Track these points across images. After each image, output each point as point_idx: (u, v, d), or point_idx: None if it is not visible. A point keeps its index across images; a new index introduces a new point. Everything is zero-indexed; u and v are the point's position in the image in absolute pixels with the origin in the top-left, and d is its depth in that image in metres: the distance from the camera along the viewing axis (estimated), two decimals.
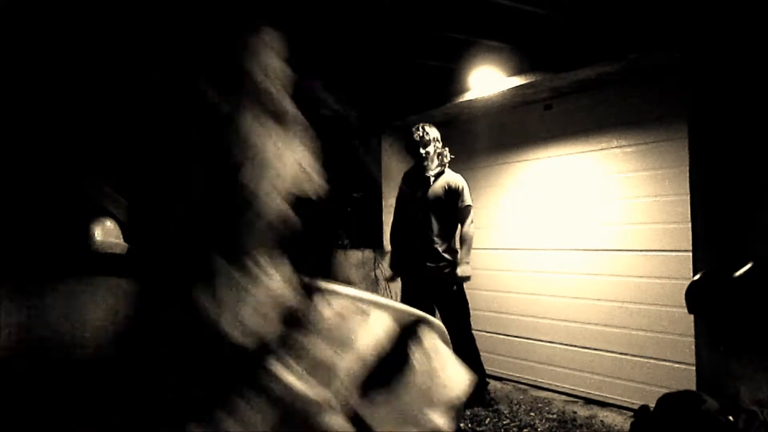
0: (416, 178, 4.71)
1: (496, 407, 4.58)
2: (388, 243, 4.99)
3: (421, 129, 4.64)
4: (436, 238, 4.53)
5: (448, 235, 4.59)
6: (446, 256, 4.54)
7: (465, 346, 4.32)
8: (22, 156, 2.56)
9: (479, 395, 4.55)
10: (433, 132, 4.66)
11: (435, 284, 4.53)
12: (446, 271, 4.53)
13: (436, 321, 3.16)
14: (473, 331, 4.69)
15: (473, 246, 4.61)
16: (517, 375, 5.30)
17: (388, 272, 4.75)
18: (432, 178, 4.62)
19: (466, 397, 4.15)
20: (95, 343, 2.27)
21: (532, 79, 4.72)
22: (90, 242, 2.24)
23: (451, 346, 3.08)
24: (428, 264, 4.51)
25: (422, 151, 4.61)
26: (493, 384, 5.11)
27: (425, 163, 4.63)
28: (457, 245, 4.63)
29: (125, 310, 2.19)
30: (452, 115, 6.00)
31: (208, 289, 1.94)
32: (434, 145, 4.64)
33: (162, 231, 2.25)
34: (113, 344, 2.15)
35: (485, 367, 4.81)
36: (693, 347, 3.94)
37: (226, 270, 2.00)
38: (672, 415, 3.19)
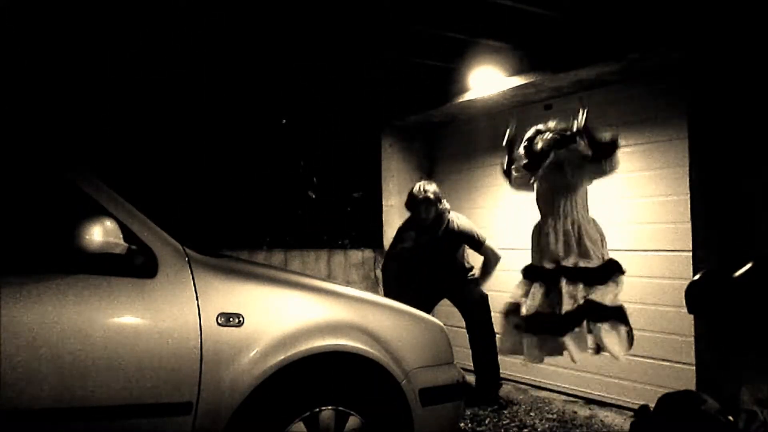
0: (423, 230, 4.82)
1: (495, 407, 4.58)
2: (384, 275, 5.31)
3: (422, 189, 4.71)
4: (461, 264, 4.88)
5: (463, 258, 4.91)
6: (469, 270, 4.91)
7: (487, 345, 4.63)
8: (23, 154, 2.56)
9: (488, 394, 4.59)
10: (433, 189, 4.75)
11: (460, 290, 4.85)
12: (470, 276, 4.87)
13: (434, 318, 3.17)
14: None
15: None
16: (518, 375, 5.29)
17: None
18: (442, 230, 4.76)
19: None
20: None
21: (532, 79, 4.72)
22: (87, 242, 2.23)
23: (450, 343, 3.09)
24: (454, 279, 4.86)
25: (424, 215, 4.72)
26: None
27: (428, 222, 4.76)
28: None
29: None
30: (452, 115, 5.99)
31: None
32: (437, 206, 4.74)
33: None
34: None
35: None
36: (693, 347, 3.94)
37: None
38: (672, 415, 3.19)
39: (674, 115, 4.22)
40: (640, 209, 4.53)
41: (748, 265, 2.97)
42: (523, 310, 3.93)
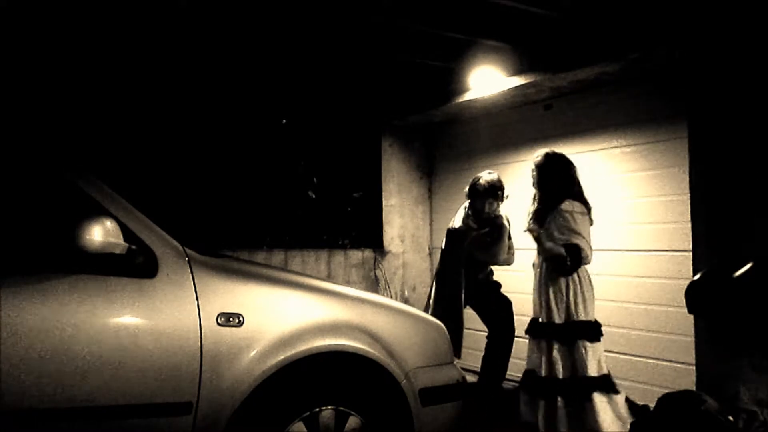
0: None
1: (495, 408, 4.58)
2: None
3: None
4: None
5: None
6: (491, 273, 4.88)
7: (501, 350, 4.60)
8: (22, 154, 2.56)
9: (488, 395, 4.59)
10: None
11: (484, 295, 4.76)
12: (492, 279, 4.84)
13: (434, 318, 3.17)
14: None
15: None
16: (518, 375, 5.29)
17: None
18: None
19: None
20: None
21: (532, 79, 4.71)
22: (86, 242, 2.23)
23: (450, 343, 3.10)
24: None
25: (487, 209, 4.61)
26: None
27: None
28: None
29: None
30: (452, 115, 5.99)
31: None
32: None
33: None
34: None
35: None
36: (693, 347, 3.94)
37: None
38: (672, 415, 3.19)
39: (674, 115, 4.22)
40: (640, 209, 4.53)
41: (748, 265, 2.97)
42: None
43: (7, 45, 4.20)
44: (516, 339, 4.73)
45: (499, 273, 4.87)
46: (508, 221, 4.71)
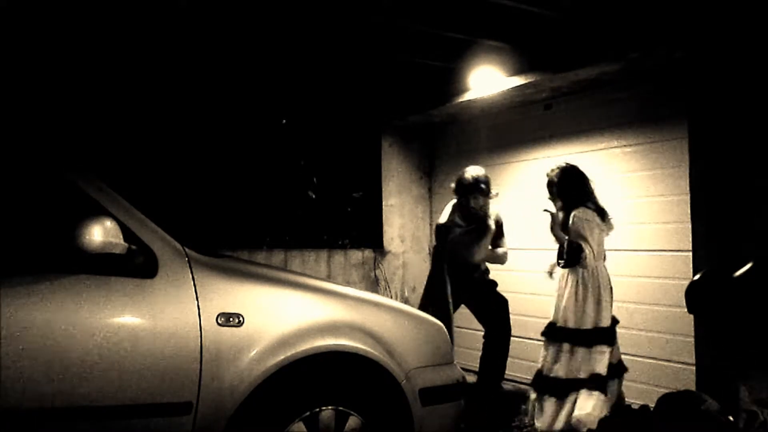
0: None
1: (494, 408, 4.58)
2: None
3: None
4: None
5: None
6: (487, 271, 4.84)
7: (499, 349, 4.59)
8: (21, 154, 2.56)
9: (487, 395, 4.58)
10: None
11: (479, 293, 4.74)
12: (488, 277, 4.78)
13: (434, 318, 3.17)
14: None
15: None
16: (518, 375, 5.29)
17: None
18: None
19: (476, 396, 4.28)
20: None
21: (532, 79, 4.72)
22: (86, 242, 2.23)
23: (450, 343, 3.10)
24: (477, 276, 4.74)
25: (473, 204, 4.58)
26: None
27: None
28: None
29: None
30: (452, 115, 6.00)
31: None
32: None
33: None
34: None
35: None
36: (693, 347, 3.94)
37: None
38: (672, 415, 3.19)
39: (674, 115, 4.22)
40: (640, 209, 4.53)
41: (748, 265, 2.97)
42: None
43: (8, 45, 4.20)
44: (514, 339, 4.73)
45: (499, 273, 4.86)
46: (499, 221, 4.68)
